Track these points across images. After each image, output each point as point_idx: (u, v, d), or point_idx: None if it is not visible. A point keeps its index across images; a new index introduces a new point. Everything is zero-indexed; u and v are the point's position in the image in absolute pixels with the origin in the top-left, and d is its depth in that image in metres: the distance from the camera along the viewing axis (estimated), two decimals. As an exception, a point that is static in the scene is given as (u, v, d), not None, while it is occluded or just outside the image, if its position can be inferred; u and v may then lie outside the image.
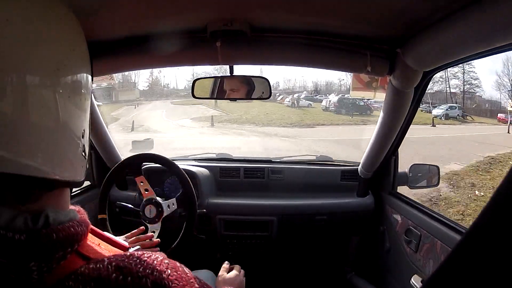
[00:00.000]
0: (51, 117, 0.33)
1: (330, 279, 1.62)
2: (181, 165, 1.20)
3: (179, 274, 0.34)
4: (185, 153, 1.97)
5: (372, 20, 0.77)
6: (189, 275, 0.35)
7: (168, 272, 0.33)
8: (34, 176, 0.31)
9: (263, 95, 1.02)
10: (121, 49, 0.91)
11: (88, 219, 0.40)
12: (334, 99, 17.18)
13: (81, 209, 0.43)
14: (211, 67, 15.11)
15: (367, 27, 0.83)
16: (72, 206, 0.41)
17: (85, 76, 0.38)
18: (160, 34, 0.86)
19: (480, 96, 20.98)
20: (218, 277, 0.87)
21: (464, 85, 21.27)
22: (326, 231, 1.46)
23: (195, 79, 1.05)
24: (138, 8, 0.71)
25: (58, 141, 0.34)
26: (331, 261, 1.62)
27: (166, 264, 0.34)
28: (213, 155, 1.76)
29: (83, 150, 0.38)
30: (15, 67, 0.30)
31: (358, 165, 1.42)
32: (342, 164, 1.60)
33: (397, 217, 1.28)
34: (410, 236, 1.16)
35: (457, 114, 16.15)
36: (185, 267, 0.36)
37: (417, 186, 1.38)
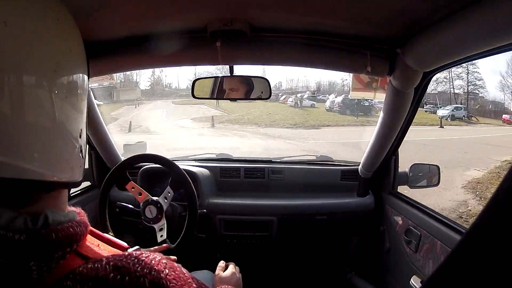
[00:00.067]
0: (48, 118, 0.33)
1: (330, 279, 1.62)
2: (181, 165, 1.20)
3: (177, 274, 0.34)
4: (184, 153, 1.96)
5: (372, 20, 0.77)
6: (187, 275, 0.35)
7: (166, 272, 0.33)
8: (32, 179, 0.32)
9: (263, 95, 1.02)
10: (121, 49, 0.91)
11: (88, 219, 0.40)
12: (339, 99, 16.73)
13: (82, 210, 0.43)
14: (213, 67, 14.97)
15: (367, 27, 0.82)
16: (73, 208, 0.41)
17: (82, 76, 0.38)
18: (160, 34, 0.86)
19: (483, 97, 20.97)
20: (215, 277, 0.88)
21: (468, 85, 21.21)
22: (326, 231, 1.46)
23: (195, 79, 1.05)
24: (138, 8, 0.71)
25: (55, 142, 0.34)
26: (331, 261, 1.62)
27: (164, 264, 0.34)
28: (213, 155, 1.77)
29: (80, 150, 0.39)
30: (13, 68, 0.30)
31: (358, 165, 1.42)
32: (342, 164, 1.60)
33: (397, 217, 1.28)
34: (410, 236, 1.16)
35: (463, 115, 16.07)
36: (183, 267, 0.36)
37: (417, 186, 1.38)
